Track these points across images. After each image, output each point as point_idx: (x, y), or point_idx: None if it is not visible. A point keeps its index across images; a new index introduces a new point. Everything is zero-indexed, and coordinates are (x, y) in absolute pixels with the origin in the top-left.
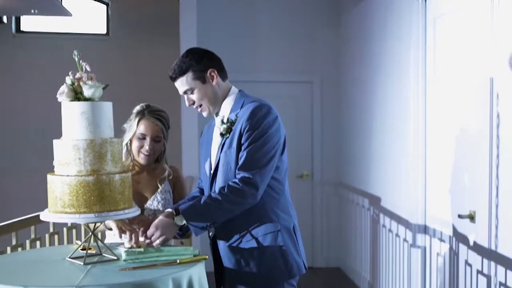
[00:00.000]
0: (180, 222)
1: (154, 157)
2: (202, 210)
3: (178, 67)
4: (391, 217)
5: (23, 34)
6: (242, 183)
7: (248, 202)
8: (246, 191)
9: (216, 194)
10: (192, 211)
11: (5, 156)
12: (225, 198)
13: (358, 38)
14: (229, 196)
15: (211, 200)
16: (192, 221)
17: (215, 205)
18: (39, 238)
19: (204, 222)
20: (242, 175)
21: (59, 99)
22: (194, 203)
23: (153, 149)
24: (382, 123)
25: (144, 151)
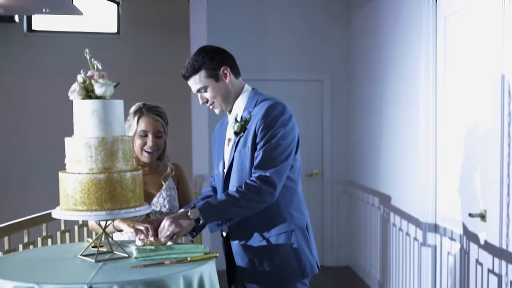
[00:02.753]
0: (194, 216)
1: (157, 153)
2: (219, 207)
3: (191, 66)
4: (401, 215)
5: (34, 33)
6: (260, 181)
7: (265, 200)
8: (264, 189)
9: (233, 192)
10: (209, 208)
11: (16, 154)
12: (242, 196)
13: (368, 36)
14: (247, 194)
15: (228, 197)
16: (208, 218)
17: (233, 203)
18: (50, 235)
19: (220, 219)
20: (259, 174)
21: (70, 97)
22: (211, 200)
23: (156, 145)
24: (392, 121)
25: (147, 148)
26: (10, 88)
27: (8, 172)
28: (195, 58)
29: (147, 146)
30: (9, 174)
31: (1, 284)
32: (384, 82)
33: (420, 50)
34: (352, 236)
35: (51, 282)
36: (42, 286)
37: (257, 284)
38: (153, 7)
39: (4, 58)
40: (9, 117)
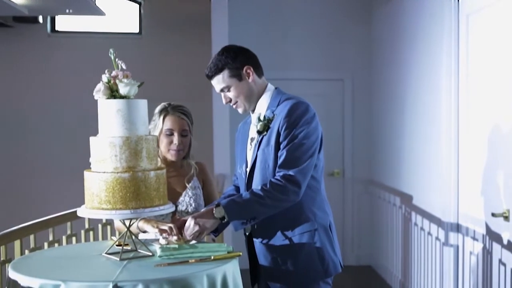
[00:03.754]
0: (219, 214)
1: (184, 152)
2: (244, 205)
3: (214, 65)
4: (423, 215)
5: (57, 34)
6: (285, 180)
7: (290, 199)
8: (289, 188)
9: (258, 190)
10: (233, 206)
11: (40, 154)
12: (267, 195)
13: (389, 35)
14: (272, 192)
15: (253, 196)
16: (233, 216)
17: (257, 201)
18: (75, 234)
19: (244, 218)
20: (284, 173)
21: (95, 96)
22: (236, 198)
23: (182, 143)
24: (414, 121)
25: (174, 146)
26: (34, 88)
27: (33, 172)
28: (218, 58)
29: (173, 144)
30: (34, 174)
31: (29, 281)
32: (405, 81)
33: (442, 48)
34: (373, 236)
35: (77, 280)
36: (68, 283)
37: (280, 283)
38: (174, 7)
39: (28, 59)
40: (33, 117)
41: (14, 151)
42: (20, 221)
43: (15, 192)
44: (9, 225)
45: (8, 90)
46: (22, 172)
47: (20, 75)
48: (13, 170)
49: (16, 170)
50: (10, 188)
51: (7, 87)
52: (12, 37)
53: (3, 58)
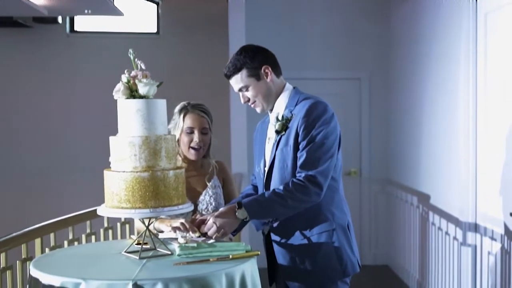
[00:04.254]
0: (242, 216)
1: (204, 150)
2: (266, 205)
3: (232, 65)
4: (440, 215)
5: (76, 34)
6: (307, 181)
7: (312, 200)
8: (311, 190)
9: (280, 191)
10: (255, 206)
11: (59, 153)
12: (289, 195)
13: (407, 34)
14: (294, 193)
15: (275, 196)
16: (254, 216)
17: (279, 202)
18: (94, 232)
19: (265, 218)
20: (305, 174)
21: (115, 96)
22: (258, 197)
23: (202, 141)
24: (432, 120)
25: (194, 144)
26: (53, 88)
27: (53, 171)
28: (236, 58)
29: (193, 142)
30: (54, 173)
31: (50, 279)
32: (423, 80)
33: (460, 47)
34: (390, 235)
35: (97, 278)
36: (88, 281)
37: (299, 282)
38: (192, 7)
39: (47, 59)
40: (53, 117)
41: (34, 150)
42: (40, 220)
43: (36, 191)
44: (30, 223)
45: (28, 90)
46: (43, 171)
47: (40, 75)
48: (34, 169)
49: (37, 169)
50: (31, 187)
51: (27, 87)
52: (32, 37)
53: (23, 58)
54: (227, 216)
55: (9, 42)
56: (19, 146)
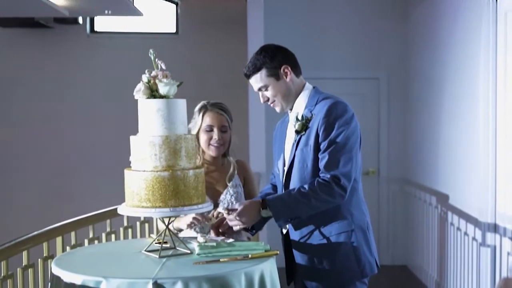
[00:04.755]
0: (266, 215)
1: (224, 148)
2: (290, 204)
3: (252, 65)
4: (459, 215)
5: (97, 34)
6: (332, 182)
7: (336, 202)
8: (336, 191)
9: (305, 190)
10: (280, 204)
11: (80, 153)
12: (314, 195)
13: (426, 33)
14: (318, 193)
15: (300, 196)
16: (278, 215)
17: (304, 201)
18: (114, 231)
19: (288, 216)
20: (330, 174)
21: (135, 96)
22: (283, 197)
23: (222, 139)
24: (451, 119)
25: (214, 142)
26: (74, 88)
27: (74, 171)
28: (256, 57)
29: (213, 140)
30: (75, 173)
31: (71, 277)
32: (442, 79)
33: (480, 46)
34: (408, 235)
35: (117, 276)
36: (109, 280)
37: (317, 282)
38: (211, 7)
39: (68, 59)
40: (73, 117)
41: (54, 150)
42: (61, 218)
43: (56, 190)
44: (51, 222)
45: (49, 89)
46: (64, 170)
47: (60, 75)
48: (55, 169)
49: (59, 169)
50: (52, 186)
51: (48, 87)
52: (53, 38)
53: (45, 58)
54: (251, 212)
55: (31, 43)
56: (39, 146)
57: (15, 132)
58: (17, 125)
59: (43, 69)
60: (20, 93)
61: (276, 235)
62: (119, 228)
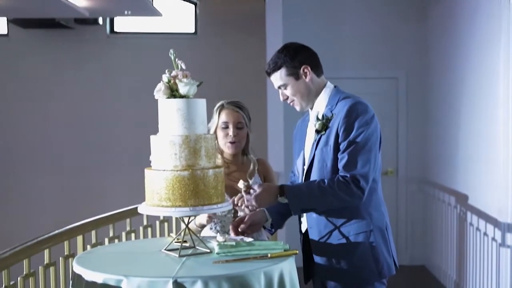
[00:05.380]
0: (283, 201)
1: (240, 145)
2: (306, 196)
3: (273, 63)
4: (478, 215)
5: (116, 35)
6: (351, 182)
7: (353, 201)
8: (354, 191)
9: (324, 186)
10: (297, 194)
11: (101, 152)
12: (332, 192)
13: (445, 32)
14: (336, 191)
15: (318, 190)
16: (293, 203)
17: (321, 196)
18: (133, 230)
19: (303, 207)
20: (350, 174)
21: (156, 96)
22: (301, 186)
23: (238, 135)
24: (470, 119)
25: (230, 138)
26: (94, 87)
27: (94, 170)
28: (277, 55)
29: (229, 137)
30: (95, 172)
31: (92, 276)
32: (461, 79)
33: (499, 47)
34: (427, 235)
35: (138, 275)
36: (130, 278)
37: (335, 282)
38: (229, 7)
39: (88, 59)
40: (93, 116)
41: (75, 149)
42: (82, 218)
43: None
44: (72, 221)
45: (69, 89)
46: (84, 170)
47: (81, 75)
48: (76, 168)
49: (79, 168)
50: (73, 186)
51: (68, 86)
52: (73, 38)
53: (65, 59)
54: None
55: (52, 43)
56: (60, 145)
57: (36, 131)
58: (38, 124)
59: (64, 69)
60: (40, 92)
61: (294, 235)
62: (139, 227)
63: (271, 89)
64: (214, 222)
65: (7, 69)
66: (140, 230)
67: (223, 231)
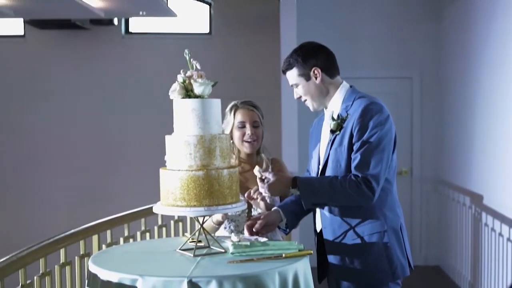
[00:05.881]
0: (295, 193)
1: (258, 144)
2: (318, 191)
3: (287, 61)
4: (494, 215)
5: (131, 35)
6: (362, 183)
7: (363, 202)
8: (365, 192)
9: (336, 184)
10: (309, 188)
11: (116, 152)
12: (342, 191)
13: (460, 32)
14: (347, 190)
15: (330, 187)
16: (304, 196)
17: (331, 193)
18: (148, 230)
19: (314, 201)
20: (361, 175)
21: (171, 96)
22: (314, 180)
23: (255, 134)
24: (486, 119)
25: (247, 138)
26: (109, 88)
27: (108, 170)
28: (291, 55)
29: (246, 136)
30: (109, 172)
31: (108, 275)
32: (476, 79)
33: None
34: (441, 236)
35: (153, 275)
36: (145, 278)
37: (349, 282)
38: (244, 7)
39: (103, 59)
40: (108, 116)
41: (90, 149)
42: (97, 217)
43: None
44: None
45: (84, 89)
46: (99, 170)
47: (96, 75)
48: (90, 168)
49: (94, 168)
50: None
51: (83, 86)
52: (89, 39)
53: (81, 59)
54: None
55: (67, 44)
56: (75, 145)
57: (52, 131)
58: (53, 124)
59: (79, 69)
60: (56, 92)
61: (308, 234)
62: (154, 227)
63: (285, 89)
64: (228, 221)
65: (24, 69)
66: (155, 229)
67: (237, 231)
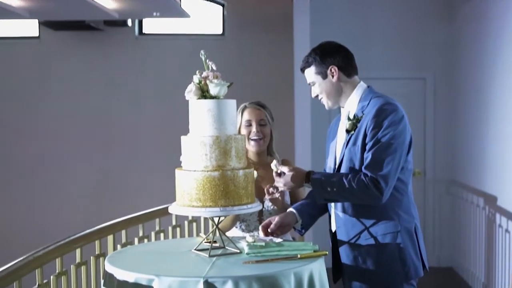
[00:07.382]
0: (308, 187)
1: (264, 142)
2: (328, 188)
3: (305, 60)
4: (508, 217)
5: (145, 36)
6: (371, 183)
7: (372, 201)
8: (373, 192)
9: (346, 182)
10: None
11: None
12: (351, 190)
13: (473, 32)
14: (355, 190)
15: (339, 184)
16: (315, 191)
17: (340, 191)
18: (163, 230)
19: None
20: (371, 175)
21: (186, 97)
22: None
23: (261, 131)
24: (500, 120)
25: (253, 135)
26: (123, 89)
27: (122, 171)
28: (310, 53)
29: (252, 133)
30: (124, 172)
31: (124, 275)
32: (490, 80)
33: None
34: (455, 237)
35: (169, 275)
36: (161, 278)
37: (361, 282)
38: (257, 8)
39: (117, 60)
40: (123, 117)
41: (105, 149)
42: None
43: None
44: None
45: (98, 90)
46: (114, 170)
47: (110, 76)
48: (105, 168)
49: (108, 168)
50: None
51: (98, 87)
52: (103, 40)
53: (95, 60)
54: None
55: (82, 45)
56: (90, 146)
57: (66, 131)
58: (67, 124)
59: (93, 70)
60: (71, 93)
61: (322, 235)
62: (168, 227)
63: (299, 89)
64: (239, 221)
65: (39, 70)
66: (169, 230)
67: (247, 230)
